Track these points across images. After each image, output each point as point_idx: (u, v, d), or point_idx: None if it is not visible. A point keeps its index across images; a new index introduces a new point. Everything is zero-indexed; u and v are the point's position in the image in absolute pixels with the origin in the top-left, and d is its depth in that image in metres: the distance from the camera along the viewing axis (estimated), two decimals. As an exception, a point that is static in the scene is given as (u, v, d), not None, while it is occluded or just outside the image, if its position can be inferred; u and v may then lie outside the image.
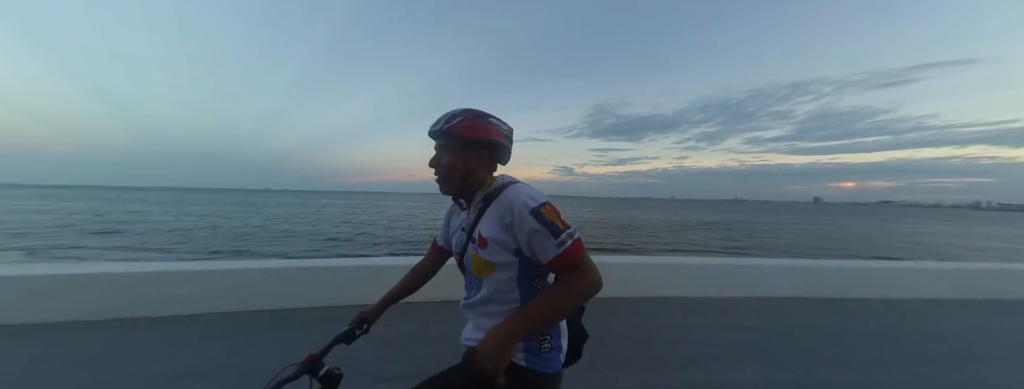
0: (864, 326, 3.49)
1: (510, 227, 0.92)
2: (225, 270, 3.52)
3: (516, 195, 0.93)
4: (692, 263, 4.55)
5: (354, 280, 3.72)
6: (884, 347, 3.03)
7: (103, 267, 3.42)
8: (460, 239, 1.09)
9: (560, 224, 0.90)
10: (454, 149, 1.00)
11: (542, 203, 0.92)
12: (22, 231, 19.24)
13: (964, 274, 4.77)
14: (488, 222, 0.96)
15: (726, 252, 17.80)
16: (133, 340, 2.79)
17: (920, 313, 3.95)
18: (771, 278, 4.49)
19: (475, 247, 0.98)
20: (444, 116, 1.02)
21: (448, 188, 1.04)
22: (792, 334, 3.26)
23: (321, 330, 2.77)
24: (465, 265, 1.06)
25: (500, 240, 0.93)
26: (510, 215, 0.91)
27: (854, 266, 4.78)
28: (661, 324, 3.41)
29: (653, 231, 28.72)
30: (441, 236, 1.29)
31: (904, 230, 37.52)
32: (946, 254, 19.56)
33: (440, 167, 1.02)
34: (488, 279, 0.98)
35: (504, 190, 0.96)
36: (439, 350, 2.64)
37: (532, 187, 0.98)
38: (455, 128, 0.99)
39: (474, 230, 1.00)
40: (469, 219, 1.05)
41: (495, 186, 1.01)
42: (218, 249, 15.82)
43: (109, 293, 3.21)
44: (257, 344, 2.79)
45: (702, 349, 2.88)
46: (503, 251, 0.94)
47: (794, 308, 3.99)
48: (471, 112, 1.02)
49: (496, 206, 0.95)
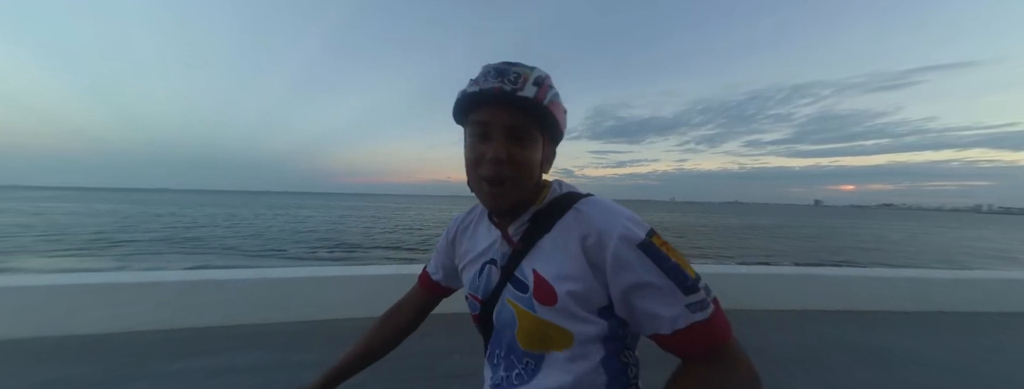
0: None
1: (600, 263, 0.53)
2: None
3: (606, 213, 0.55)
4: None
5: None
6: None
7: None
8: (488, 279, 0.65)
9: (688, 266, 0.52)
10: (536, 137, 0.58)
11: (650, 232, 0.53)
12: (156, 238, 18.86)
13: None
14: (551, 254, 0.57)
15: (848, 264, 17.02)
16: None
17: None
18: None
19: (528, 300, 0.57)
20: (519, 72, 0.55)
21: (514, 198, 0.59)
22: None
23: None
24: (495, 324, 0.63)
25: (581, 291, 0.53)
26: (599, 241, 0.53)
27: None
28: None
29: (714, 236, 28.12)
30: (436, 264, 0.81)
31: (953, 235, 37.37)
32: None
33: (515, 163, 0.56)
34: (552, 356, 0.56)
35: (577, 204, 0.59)
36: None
37: (615, 202, 0.59)
38: (555, 105, 0.58)
39: (519, 267, 0.60)
40: (501, 246, 0.64)
41: (552, 197, 0.63)
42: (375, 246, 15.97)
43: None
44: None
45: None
46: (586, 310, 0.54)
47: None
48: (550, 77, 0.59)
49: (568, 228, 0.57)
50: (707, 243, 22.34)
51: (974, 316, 3.82)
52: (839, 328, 3.38)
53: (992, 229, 51.87)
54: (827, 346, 2.97)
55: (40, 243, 15.67)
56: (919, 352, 2.90)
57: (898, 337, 3.21)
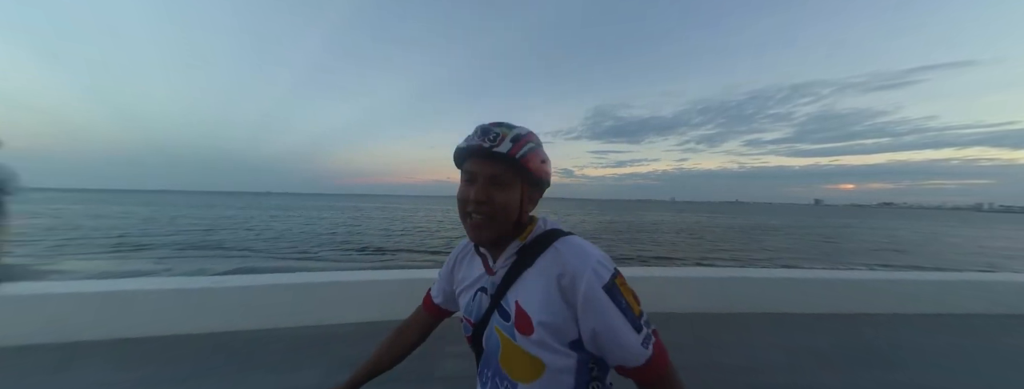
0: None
1: (573, 303, 0.62)
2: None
3: (580, 255, 0.65)
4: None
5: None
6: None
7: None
8: (479, 304, 0.75)
9: (635, 305, 0.63)
10: (514, 183, 0.69)
11: (615, 271, 0.64)
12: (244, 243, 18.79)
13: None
14: (532, 287, 0.66)
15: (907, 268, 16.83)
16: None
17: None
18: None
19: (510, 328, 0.66)
20: (499, 132, 0.67)
21: (493, 232, 0.70)
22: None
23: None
24: (485, 347, 0.73)
25: (554, 324, 0.63)
26: (573, 283, 0.62)
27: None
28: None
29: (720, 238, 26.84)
30: (438, 289, 0.93)
31: (969, 235, 37.03)
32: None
33: (492, 204, 0.68)
34: (529, 386, 0.65)
35: (556, 242, 0.69)
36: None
37: (588, 242, 0.70)
38: (527, 158, 0.68)
39: (504, 297, 0.69)
40: (494, 276, 0.73)
41: (536, 233, 0.72)
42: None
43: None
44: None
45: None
46: (558, 343, 0.63)
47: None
48: (533, 134, 0.71)
49: (547, 265, 0.66)
50: (728, 245, 22.22)
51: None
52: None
53: (1003, 228, 51.56)
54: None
55: (73, 246, 15.67)
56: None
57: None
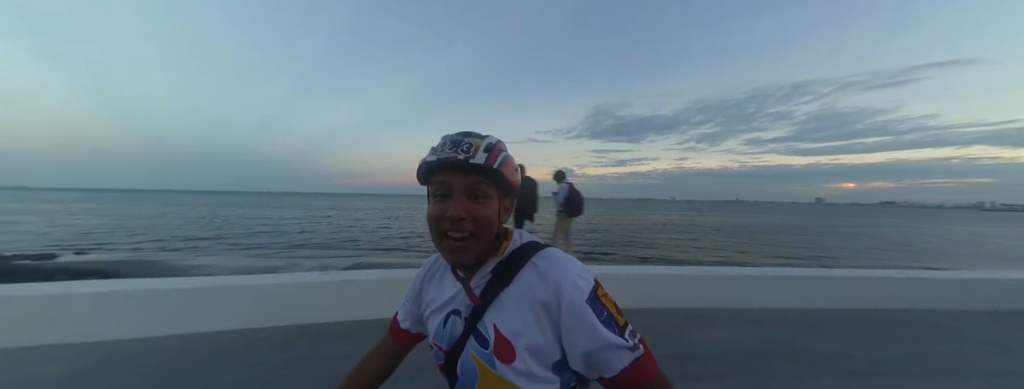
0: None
1: (555, 319, 0.58)
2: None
3: (560, 268, 0.61)
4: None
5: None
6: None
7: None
8: (452, 329, 0.68)
9: (620, 319, 0.60)
10: (492, 195, 0.64)
11: (595, 283, 0.61)
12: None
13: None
14: (512, 309, 0.61)
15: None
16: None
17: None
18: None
19: (489, 356, 0.60)
20: (471, 142, 0.62)
21: (475, 253, 0.63)
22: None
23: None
24: (459, 376, 0.65)
25: (537, 347, 0.58)
26: (556, 298, 0.58)
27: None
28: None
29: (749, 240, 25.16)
30: (405, 313, 0.83)
31: (1001, 234, 35.90)
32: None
33: (474, 219, 0.62)
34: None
35: (533, 258, 0.64)
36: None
37: (564, 252, 0.67)
38: (506, 167, 0.64)
39: (482, 320, 0.63)
40: (466, 298, 0.67)
41: (512, 248, 0.67)
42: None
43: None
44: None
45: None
46: (542, 368, 0.59)
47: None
48: (503, 142, 0.67)
49: (526, 283, 0.62)
50: (756, 248, 20.74)
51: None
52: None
53: (1020, 227, 50.42)
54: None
55: (147, 243, 16.42)
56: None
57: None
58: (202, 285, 3.21)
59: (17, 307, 2.84)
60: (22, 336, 2.79)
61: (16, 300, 2.85)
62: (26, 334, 2.78)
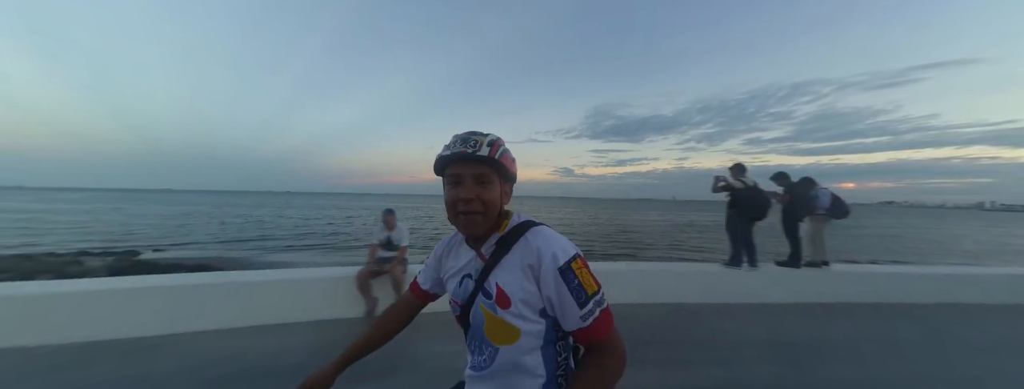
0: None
1: (537, 278, 0.78)
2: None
3: (545, 241, 0.80)
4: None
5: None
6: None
7: None
8: (466, 288, 0.89)
9: (589, 286, 0.78)
10: (495, 181, 0.84)
11: (573, 256, 0.79)
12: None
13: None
14: (509, 270, 0.81)
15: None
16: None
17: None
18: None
19: (492, 305, 0.81)
20: (477, 139, 0.82)
21: (483, 226, 0.84)
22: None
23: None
24: (471, 322, 0.87)
25: (527, 298, 0.79)
26: (538, 263, 0.78)
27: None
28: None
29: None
30: (425, 277, 1.05)
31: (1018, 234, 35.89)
32: None
33: (482, 200, 0.82)
34: (508, 347, 0.80)
35: (527, 233, 0.84)
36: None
37: (555, 231, 0.85)
38: (505, 158, 0.85)
39: (487, 280, 0.83)
40: (475, 263, 0.88)
41: (511, 226, 0.87)
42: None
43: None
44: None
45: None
46: (531, 312, 0.80)
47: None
48: (502, 139, 0.87)
49: (520, 252, 0.82)
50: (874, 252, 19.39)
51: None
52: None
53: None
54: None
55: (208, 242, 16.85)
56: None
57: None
58: (331, 275, 3.75)
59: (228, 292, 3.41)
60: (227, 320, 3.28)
61: (221, 287, 3.42)
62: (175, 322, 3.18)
